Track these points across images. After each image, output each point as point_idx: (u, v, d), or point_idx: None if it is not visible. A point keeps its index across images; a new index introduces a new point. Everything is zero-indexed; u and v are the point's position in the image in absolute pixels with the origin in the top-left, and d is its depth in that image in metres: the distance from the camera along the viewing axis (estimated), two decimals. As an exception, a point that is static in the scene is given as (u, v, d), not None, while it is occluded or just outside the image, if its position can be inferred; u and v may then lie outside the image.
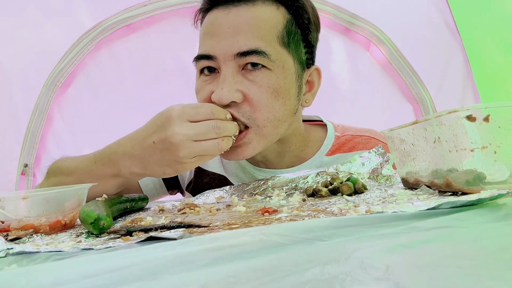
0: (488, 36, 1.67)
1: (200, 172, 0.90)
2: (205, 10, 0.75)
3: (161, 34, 1.65)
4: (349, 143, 0.85)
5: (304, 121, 0.87)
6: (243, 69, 0.70)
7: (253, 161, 0.85)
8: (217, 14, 0.72)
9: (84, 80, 1.68)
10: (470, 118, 0.41)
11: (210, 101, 0.70)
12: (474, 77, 1.76)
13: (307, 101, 0.79)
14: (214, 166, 0.89)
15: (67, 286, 0.24)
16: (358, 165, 0.72)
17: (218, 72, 0.71)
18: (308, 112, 0.89)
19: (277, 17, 0.71)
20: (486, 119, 0.41)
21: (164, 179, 0.95)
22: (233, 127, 0.65)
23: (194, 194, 0.89)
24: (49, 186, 0.74)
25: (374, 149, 0.74)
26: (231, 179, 0.87)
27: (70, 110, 1.69)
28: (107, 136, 0.70)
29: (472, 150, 0.42)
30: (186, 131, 0.60)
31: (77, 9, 1.64)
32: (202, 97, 0.73)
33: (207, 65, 0.72)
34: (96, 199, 0.57)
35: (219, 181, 0.87)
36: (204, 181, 0.89)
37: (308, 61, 0.78)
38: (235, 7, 0.70)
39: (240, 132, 0.68)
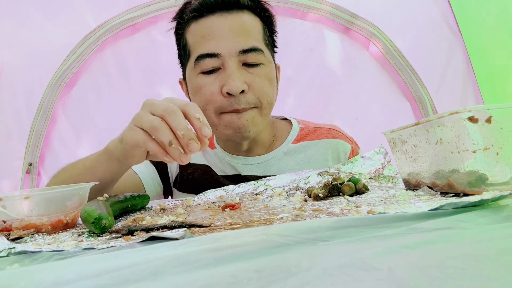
0: (491, 35, 1.66)
1: (184, 165, 0.99)
2: (197, 17, 0.85)
3: (165, 34, 1.65)
4: (313, 134, 1.01)
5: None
6: (243, 65, 0.83)
7: (230, 149, 0.98)
8: (214, 20, 0.83)
9: (88, 80, 1.68)
10: (472, 119, 0.41)
11: (220, 94, 0.82)
12: (476, 76, 1.75)
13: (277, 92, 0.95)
14: (197, 158, 1.00)
15: (69, 286, 0.24)
16: (360, 166, 0.72)
17: (221, 69, 0.83)
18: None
19: (258, 23, 0.88)
20: (488, 120, 0.41)
21: (162, 181, 1.02)
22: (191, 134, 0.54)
23: (180, 189, 0.99)
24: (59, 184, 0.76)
25: (375, 149, 0.74)
26: (213, 168, 0.98)
27: (74, 110, 1.70)
28: (111, 136, 0.70)
29: (474, 152, 0.42)
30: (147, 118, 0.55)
31: (81, 10, 1.64)
32: (211, 91, 0.83)
33: (212, 63, 0.83)
34: (97, 198, 0.57)
35: (202, 171, 0.97)
36: (188, 171, 0.99)
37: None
38: (229, 14, 0.83)
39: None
